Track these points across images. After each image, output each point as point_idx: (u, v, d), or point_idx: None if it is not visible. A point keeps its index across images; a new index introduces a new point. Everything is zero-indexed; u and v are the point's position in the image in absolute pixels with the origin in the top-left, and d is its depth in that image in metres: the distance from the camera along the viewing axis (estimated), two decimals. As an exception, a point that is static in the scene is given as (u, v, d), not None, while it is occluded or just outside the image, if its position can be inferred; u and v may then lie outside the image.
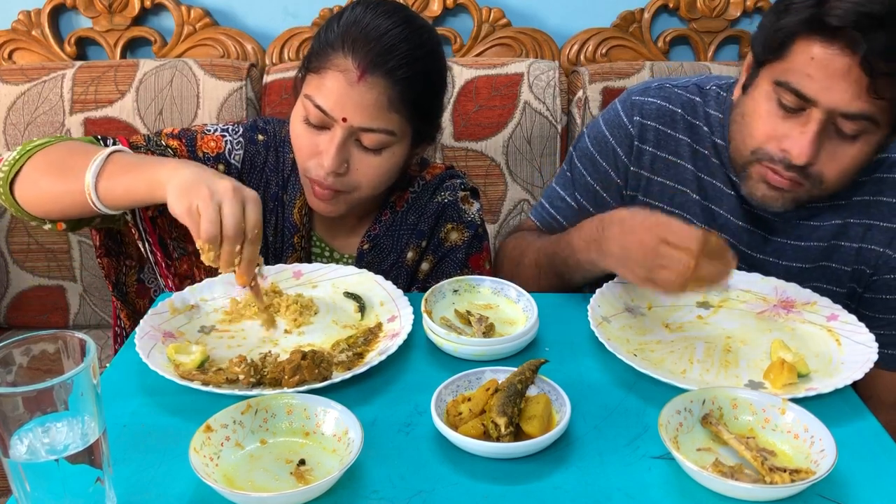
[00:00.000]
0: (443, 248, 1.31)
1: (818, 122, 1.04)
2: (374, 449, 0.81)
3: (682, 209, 1.26)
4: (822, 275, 1.22)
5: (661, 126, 1.25)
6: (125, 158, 1.05)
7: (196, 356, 0.94)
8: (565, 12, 2.02)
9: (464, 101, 1.84)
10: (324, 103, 1.11)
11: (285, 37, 1.99)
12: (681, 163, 1.25)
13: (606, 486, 0.77)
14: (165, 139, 1.22)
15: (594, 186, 1.30)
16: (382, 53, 1.09)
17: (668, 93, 1.27)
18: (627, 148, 1.27)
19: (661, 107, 1.26)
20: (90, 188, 1.02)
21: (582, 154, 1.32)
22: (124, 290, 1.25)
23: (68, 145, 1.11)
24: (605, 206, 1.28)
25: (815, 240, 1.21)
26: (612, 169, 1.28)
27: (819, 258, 1.22)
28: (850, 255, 1.21)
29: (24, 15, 1.97)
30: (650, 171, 1.27)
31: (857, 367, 0.93)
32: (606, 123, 1.30)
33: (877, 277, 1.21)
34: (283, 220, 1.27)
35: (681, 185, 1.26)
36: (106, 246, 1.22)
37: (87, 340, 0.69)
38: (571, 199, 1.32)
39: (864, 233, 1.19)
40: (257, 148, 1.27)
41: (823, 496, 0.75)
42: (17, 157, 1.10)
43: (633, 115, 1.26)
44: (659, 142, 1.26)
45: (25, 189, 1.10)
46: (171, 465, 0.79)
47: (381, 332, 1.03)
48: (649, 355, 0.99)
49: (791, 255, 1.23)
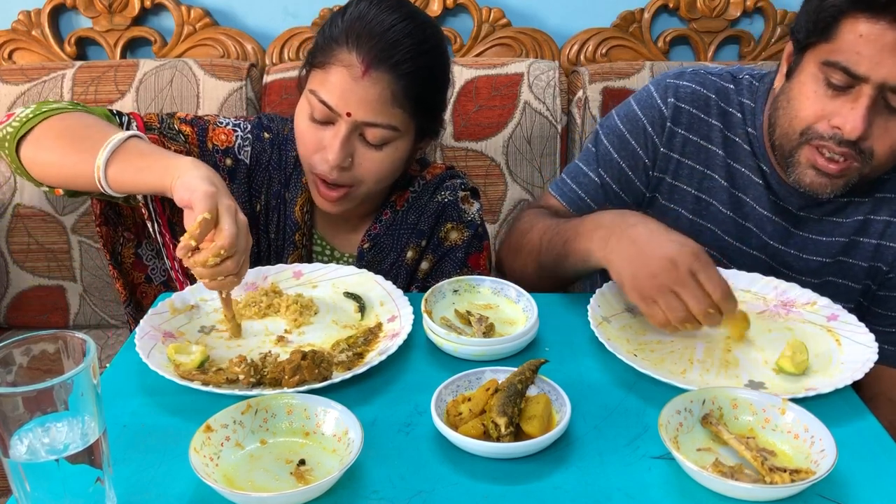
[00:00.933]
0: (443, 248, 1.31)
1: (869, 97, 1.05)
2: (374, 449, 0.81)
3: (710, 194, 1.27)
4: (840, 270, 1.23)
5: (695, 110, 1.26)
6: (140, 146, 1.04)
7: (196, 356, 0.94)
8: (565, 12, 2.02)
9: (464, 101, 1.84)
10: (328, 98, 1.11)
11: (285, 37, 1.98)
12: (712, 148, 1.25)
13: (606, 486, 0.77)
14: (178, 123, 1.23)
15: (620, 164, 1.29)
16: (387, 48, 1.10)
17: (702, 78, 1.28)
18: (660, 128, 1.27)
19: (696, 91, 1.27)
20: (101, 169, 1.01)
21: (610, 131, 1.31)
22: (119, 259, 1.26)
23: (85, 117, 1.10)
24: (629, 185, 1.29)
25: (838, 235, 1.22)
26: (642, 148, 1.28)
27: (838, 253, 1.23)
28: (868, 251, 1.22)
29: (24, 15, 1.97)
30: (680, 154, 1.27)
31: (857, 367, 0.93)
32: (639, 103, 1.30)
33: (892, 275, 1.22)
34: (285, 217, 1.27)
35: (710, 170, 1.26)
36: (105, 214, 1.22)
37: (88, 340, 0.69)
38: (595, 175, 1.30)
39: (884, 229, 1.20)
40: (263, 145, 1.27)
41: (823, 496, 0.75)
42: (31, 116, 1.08)
43: (668, 96, 1.27)
44: (692, 125, 1.26)
45: (33, 151, 1.08)
46: (171, 465, 0.79)
47: (381, 332, 1.03)
48: (649, 355, 0.99)
49: (812, 250, 1.23)
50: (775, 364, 0.96)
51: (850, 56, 1.04)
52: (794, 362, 0.94)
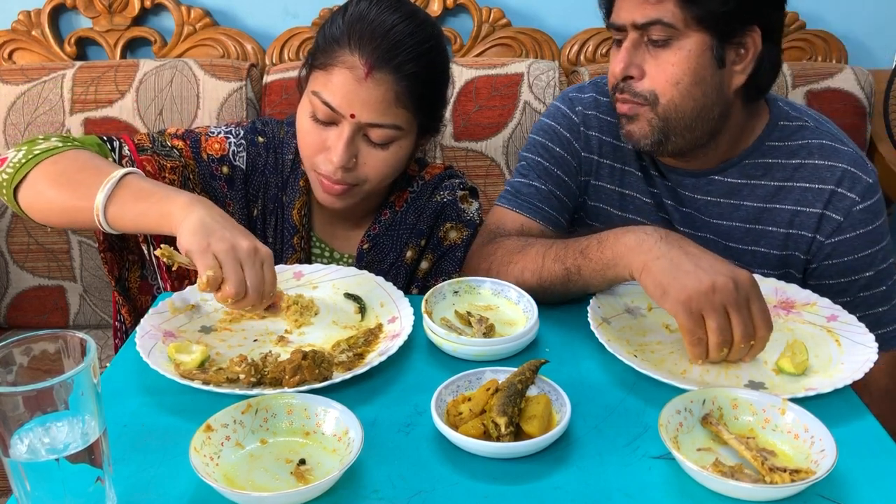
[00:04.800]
0: (442, 247, 1.32)
1: (631, 40, 1.15)
2: (375, 449, 0.81)
3: (631, 188, 1.30)
4: (757, 235, 1.25)
5: (601, 114, 1.31)
6: (137, 184, 1.03)
7: (196, 355, 0.94)
8: (565, 12, 2.02)
9: (464, 101, 1.84)
10: (331, 100, 1.12)
11: (285, 37, 1.99)
12: (622, 145, 1.28)
13: (606, 486, 0.77)
14: (170, 139, 1.22)
15: (555, 171, 1.30)
16: (389, 49, 1.10)
17: (600, 87, 1.33)
18: (576, 133, 1.32)
19: (598, 98, 1.33)
20: (100, 212, 1.01)
21: (532, 146, 1.33)
22: (126, 285, 1.25)
23: (79, 156, 1.09)
24: (568, 190, 1.31)
25: (735, 199, 1.26)
26: (567, 153, 1.31)
27: (749, 219, 1.26)
28: (783, 216, 1.24)
29: (24, 15, 1.97)
30: (599, 155, 1.31)
31: (857, 367, 0.93)
32: (552, 117, 1.34)
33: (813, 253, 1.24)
34: (283, 221, 1.27)
35: (627, 166, 1.30)
36: (109, 240, 1.22)
37: (88, 340, 0.69)
38: (540, 184, 1.29)
39: (780, 193, 1.23)
40: (258, 150, 1.27)
41: (823, 496, 0.75)
42: (24, 161, 1.08)
43: (575, 106, 1.33)
44: (602, 127, 1.31)
45: (31, 197, 1.08)
46: (172, 465, 0.79)
47: (381, 332, 1.03)
48: (649, 356, 0.99)
49: (715, 222, 1.27)
50: (775, 364, 0.96)
51: (612, 15, 1.16)
52: (794, 363, 0.94)
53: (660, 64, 1.13)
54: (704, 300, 0.92)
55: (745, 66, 1.15)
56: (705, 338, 0.93)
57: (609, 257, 1.03)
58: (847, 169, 1.19)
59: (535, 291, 1.09)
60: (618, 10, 1.15)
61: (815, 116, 1.26)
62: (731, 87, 1.16)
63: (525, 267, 1.13)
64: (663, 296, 0.94)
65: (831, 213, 1.20)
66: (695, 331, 0.93)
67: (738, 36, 1.12)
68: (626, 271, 1.01)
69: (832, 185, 1.19)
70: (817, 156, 1.21)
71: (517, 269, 1.13)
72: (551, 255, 1.10)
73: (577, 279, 1.07)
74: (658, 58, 1.13)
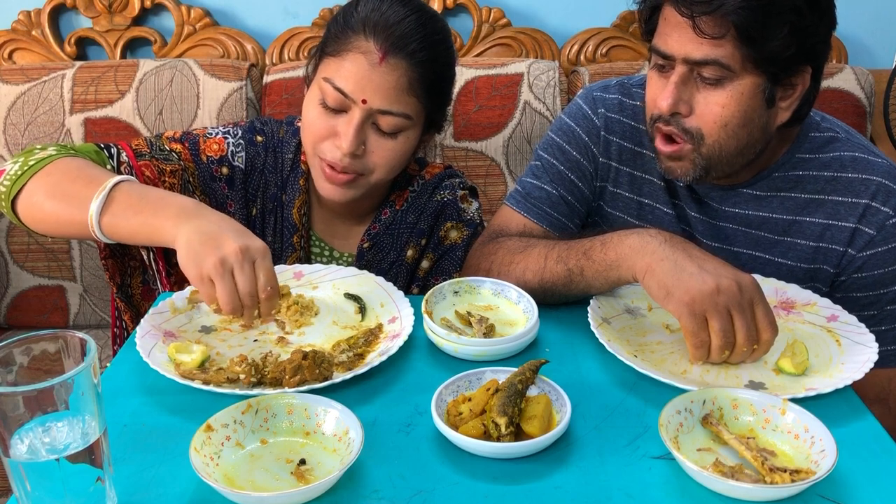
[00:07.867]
0: (442, 247, 1.32)
1: (678, 75, 1.09)
2: (375, 449, 0.81)
3: (650, 198, 1.27)
4: (783, 249, 1.23)
5: (625, 118, 1.28)
6: (130, 193, 1.02)
7: (197, 355, 0.94)
8: (565, 12, 2.02)
9: (464, 101, 1.84)
10: (344, 85, 1.12)
11: (285, 37, 1.99)
12: (645, 153, 1.26)
13: (606, 486, 0.77)
14: (168, 143, 1.22)
15: (568, 175, 1.28)
16: (403, 37, 1.12)
17: (626, 89, 1.30)
18: (596, 138, 1.28)
19: (623, 101, 1.29)
20: (94, 223, 1.01)
21: (548, 145, 1.31)
22: (129, 292, 1.24)
23: (72, 165, 1.08)
24: (581, 195, 1.29)
25: (758, 222, 1.24)
26: (583, 157, 1.28)
27: (767, 240, 1.23)
28: (814, 229, 1.21)
29: (24, 15, 1.97)
30: (618, 162, 1.28)
31: (857, 367, 0.93)
32: (572, 117, 1.31)
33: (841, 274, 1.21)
34: (283, 220, 1.27)
35: (647, 175, 1.27)
36: (110, 247, 1.22)
37: (88, 340, 0.69)
38: (550, 188, 1.28)
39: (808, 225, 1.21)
40: (257, 149, 1.27)
41: (823, 496, 0.75)
42: (20, 173, 1.08)
43: (598, 108, 1.29)
44: (624, 133, 1.28)
45: (27, 209, 1.08)
46: (172, 465, 0.79)
47: (381, 332, 1.03)
48: (649, 356, 0.99)
49: (742, 241, 1.24)
50: (775, 364, 0.96)
51: (659, 39, 1.10)
52: (794, 363, 0.94)
53: (709, 104, 1.08)
54: (708, 302, 0.91)
55: (791, 103, 1.11)
56: (708, 340, 0.93)
57: (612, 258, 1.03)
58: (882, 182, 1.16)
59: (537, 292, 1.09)
60: (666, 37, 1.08)
61: (844, 126, 1.23)
62: (775, 124, 1.12)
63: (527, 267, 1.12)
64: (667, 297, 0.94)
65: (865, 227, 1.16)
66: (698, 333, 0.93)
67: (790, 76, 1.08)
68: (629, 273, 1.01)
69: (867, 198, 1.16)
70: (851, 169, 1.18)
71: (519, 269, 1.13)
72: (553, 256, 1.10)
73: (580, 280, 1.07)
74: (708, 98, 1.08)
